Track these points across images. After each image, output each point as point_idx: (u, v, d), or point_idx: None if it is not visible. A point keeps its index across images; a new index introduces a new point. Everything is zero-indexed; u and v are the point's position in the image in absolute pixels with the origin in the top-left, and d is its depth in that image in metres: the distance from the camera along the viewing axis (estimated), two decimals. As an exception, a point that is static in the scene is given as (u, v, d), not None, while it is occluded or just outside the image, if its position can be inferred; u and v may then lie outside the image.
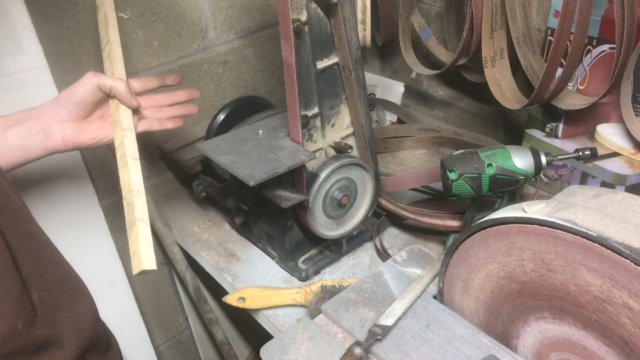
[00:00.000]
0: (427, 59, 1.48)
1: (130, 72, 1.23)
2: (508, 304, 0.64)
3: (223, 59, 1.37)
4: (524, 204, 0.61)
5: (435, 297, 0.74)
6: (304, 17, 0.87)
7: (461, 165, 0.90)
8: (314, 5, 0.88)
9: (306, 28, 0.89)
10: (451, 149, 1.39)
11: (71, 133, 0.86)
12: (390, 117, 1.52)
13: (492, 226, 0.62)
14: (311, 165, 0.98)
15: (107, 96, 0.89)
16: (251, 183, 0.85)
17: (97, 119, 0.90)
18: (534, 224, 0.58)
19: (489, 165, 0.89)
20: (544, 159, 0.91)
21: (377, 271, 0.79)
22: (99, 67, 1.19)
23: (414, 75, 1.57)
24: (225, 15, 1.33)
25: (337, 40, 0.93)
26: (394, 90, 1.54)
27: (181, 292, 1.49)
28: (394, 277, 0.77)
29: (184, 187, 1.39)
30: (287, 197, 0.93)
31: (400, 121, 1.51)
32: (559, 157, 0.93)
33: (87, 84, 0.86)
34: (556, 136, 1.18)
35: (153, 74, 1.27)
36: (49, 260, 0.75)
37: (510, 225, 0.60)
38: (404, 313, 0.71)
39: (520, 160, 0.90)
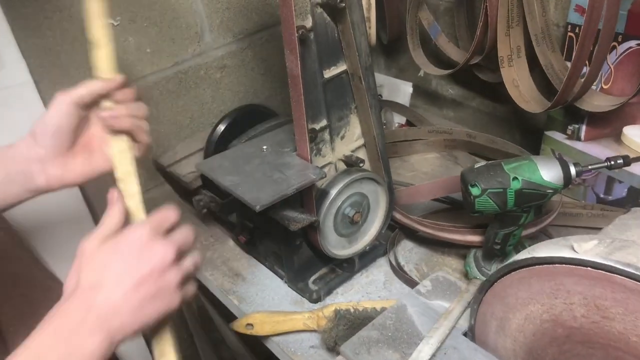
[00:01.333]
0: (436, 56, 1.40)
1: (123, 82, 1.16)
2: (552, 349, 0.57)
3: (221, 63, 1.29)
4: (572, 240, 0.54)
5: (465, 334, 0.68)
6: (309, 23, 0.80)
7: (484, 180, 0.83)
8: (319, 9, 0.80)
9: (311, 35, 0.81)
10: (464, 152, 1.31)
11: (55, 173, 0.74)
12: (398, 119, 1.45)
13: (535, 265, 0.55)
14: (321, 182, 0.91)
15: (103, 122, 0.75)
16: (257, 208, 0.78)
17: (82, 150, 0.76)
18: (587, 267, 0.51)
19: (515, 178, 0.82)
20: (573, 170, 0.84)
21: (400, 304, 0.72)
22: (89, 78, 1.12)
23: (421, 73, 1.49)
24: (222, 17, 1.25)
25: (345, 47, 0.85)
26: (401, 91, 1.47)
27: (185, 310, 1.43)
28: (419, 312, 0.70)
29: (184, 200, 1.31)
30: (296, 219, 0.86)
31: (409, 123, 1.43)
32: (589, 167, 0.85)
33: (60, 108, 0.72)
34: (578, 139, 1.11)
35: (147, 82, 1.19)
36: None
37: (557, 265, 0.53)
38: (433, 355, 0.64)
39: (548, 173, 0.82)
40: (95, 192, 1.17)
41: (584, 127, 1.10)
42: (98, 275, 0.59)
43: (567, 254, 0.52)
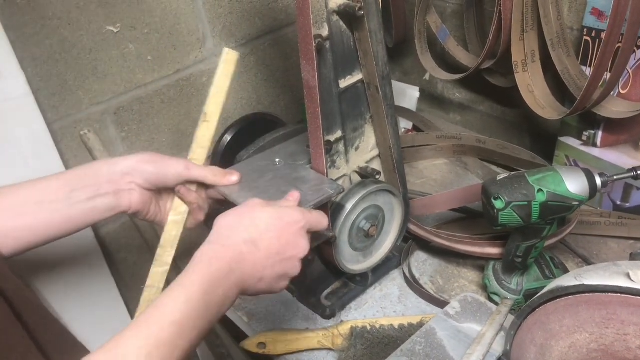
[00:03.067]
0: (443, 59, 1.37)
1: (124, 90, 1.12)
2: (600, 379, 0.54)
3: (223, 69, 1.25)
4: (625, 267, 0.51)
5: (499, 360, 0.65)
6: (325, 32, 0.76)
7: (508, 192, 0.79)
8: (335, 18, 0.77)
9: (327, 44, 0.78)
10: (474, 158, 1.28)
11: (139, 200, 0.78)
12: (404, 125, 1.41)
13: (585, 293, 0.52)
14: (335, 195, 0.87)
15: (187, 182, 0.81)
16: None
17: (155, 196, 0.81)
18: (646, 297, 0.48)
19: (539, 190, 0.79)
20: (598, 181, 0.81)
21: (429, 328, 0.68)
22: (87, 87, 1.08)
23: (427, 77, 1.46)
24: (224, 22, 1.21)
25: (362, 56, 0.82)
26: (408, 96, 1.43)
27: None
28: (449, 336, 0.67)
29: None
30: (313, 236, 0.82)
31: (416, 129, 1.40)
32: (615, 177, 0.83)
33: (177, 173, 0.78)
34: (594, 145, 1.08)
35: (148, 90, 1.15)
36: None
37: (611, 294, 0.50)
38: (468, 383, 0.61)
39: (574, 184, 0.80)
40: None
41: (600, 133, 1.07)
42: (253, 233, 0.65)
43: (622, 282, 0.49)
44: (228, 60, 0.79)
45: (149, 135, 1.18)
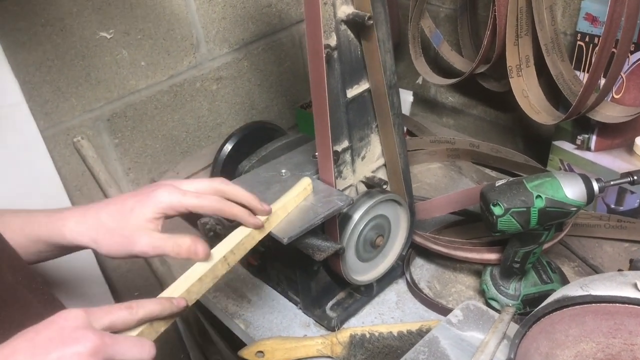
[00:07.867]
0: (436, 64, 1.38)
1: (117, 97, 1.11)
2: (606, 388, 0.55)
3: (217, 75, 1.25)
4: (632, 277, 0.51)
5: (503, 368, 0.65)
6: (333, 41, 0.76)
7: (507, 199, 0.80)
8: (343, 27, 0.76)
9: (335, 54, 0.77)
10: (468, 162, 1.29)
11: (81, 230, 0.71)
12: (398, 129, 1.41)
13: (592, 303, 0.52)
14: (343, 205, 0.86)
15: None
16: (285, 241, 0.73)
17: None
18: (654, 308, 0.48)
19: (538, 197, 0.79)
20: (596, 186, 0.81)
21: (432, 337, 0.68)
22: (80, 94, 1.07)
23: (420, 81, 1.46)
24: (218, 27, 1.21)
25: (369, 65, 0.81)
26: (401, 100, 1.43)
27: (183, 329, 1.37)
28: (452, 344, 0.67)
29: (185, 220, 1.26)
30: (321, 247, 0.81)
31: (410, 133, 1.40)
32: (612, 182, 0.83)
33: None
34: (588, 149, 1.09)
35: (142, 96, 1.14)
36: None
37: (618, 305, 0.50)
38: (472, 392, 0.61)
39: (572, 190, 0.80)
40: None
41: (594, 137, 1.08)
42: None
43: (630, 293, 0.49)
44: (306, 189, 0.79)
45: (142, 141, 1.17)
